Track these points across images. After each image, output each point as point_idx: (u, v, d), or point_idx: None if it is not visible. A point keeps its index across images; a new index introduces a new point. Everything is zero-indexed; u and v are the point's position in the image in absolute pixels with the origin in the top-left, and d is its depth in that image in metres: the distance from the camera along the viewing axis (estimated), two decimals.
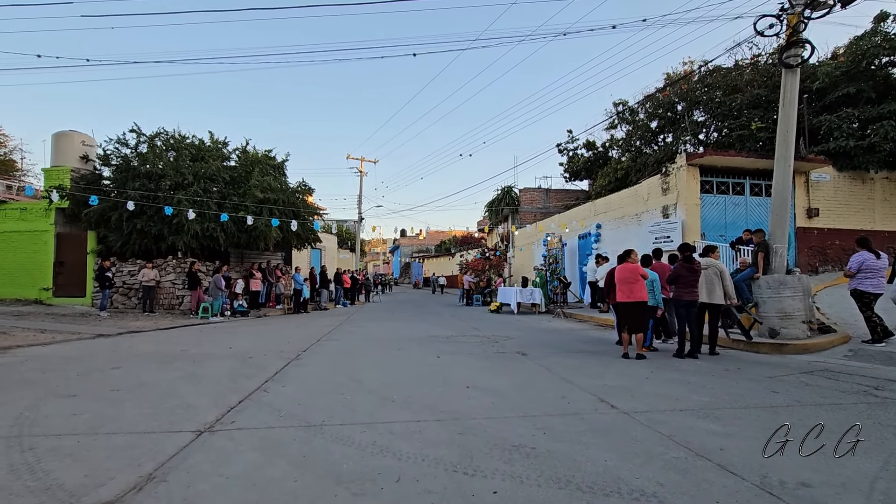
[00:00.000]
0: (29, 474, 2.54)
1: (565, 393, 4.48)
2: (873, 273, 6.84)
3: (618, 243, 14.17)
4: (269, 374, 5.32)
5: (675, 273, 6.72)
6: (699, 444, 3.03)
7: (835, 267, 13.03)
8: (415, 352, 7.09)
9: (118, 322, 10.99)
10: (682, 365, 6.02)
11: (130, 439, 3.12)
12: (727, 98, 15.71)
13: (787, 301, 7.22)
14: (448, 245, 50.73)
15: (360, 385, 4.82)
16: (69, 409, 3.81)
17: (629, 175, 18.09)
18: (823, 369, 5.56)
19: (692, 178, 12.06)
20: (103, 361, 6.07)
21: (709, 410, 3.86)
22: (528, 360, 6.40)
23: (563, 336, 9.24)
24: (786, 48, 7.62)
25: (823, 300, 9.84)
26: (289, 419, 3.61)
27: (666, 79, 18.76)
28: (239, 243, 14.67)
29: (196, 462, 2.74)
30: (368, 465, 2.71)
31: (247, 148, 15.75)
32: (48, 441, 3.06)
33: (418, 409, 3.89)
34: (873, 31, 13.31)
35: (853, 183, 13.34)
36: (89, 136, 15.63)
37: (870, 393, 4.42)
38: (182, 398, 4.23)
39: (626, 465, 2.70)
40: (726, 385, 4.82)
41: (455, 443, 3.07)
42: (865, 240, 7.13)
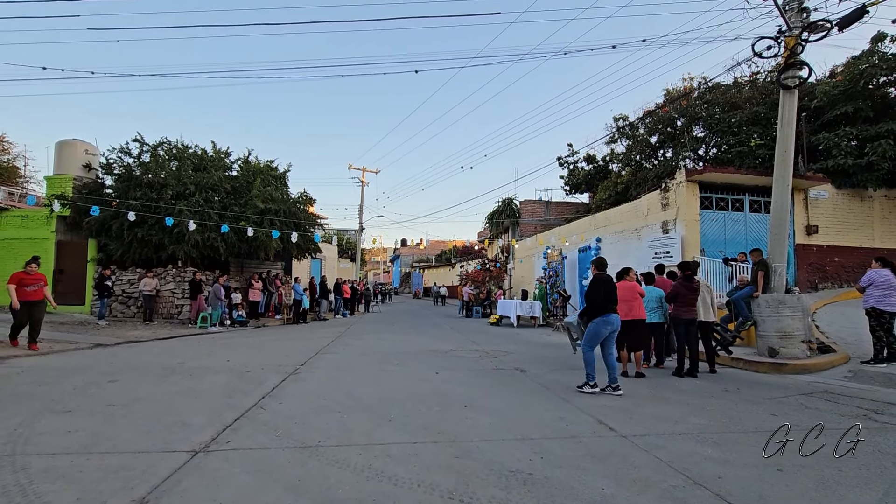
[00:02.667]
0: (21, 497, 2.52)
1: (564, 414, 4.45)
2: (890, 291, 6.69)
3: (618, 257, 14.19)
4: (266, 389, 5.30)
5: (674, 291, 6.72)
6: (697, 472, 3.01)
7: (834, 284, 13.03)
8: (412, 367, 7.06)
9: (116, 331, 10.95)
10: (681, 384, 6.00)
11: (124, 460, 3.10)
12: (726, 115, 15.85)
13: (786, 320, 7.21)
14: (448, 255, 50.72)
15: (357, 403, 4.79)
16: (64, 426, 3.78)
17: (629, 189, 18.17)
18: (823, 391, 5.53)
19: (691, 194, 12.10)
20: (100, 374, 6.04)
21: (708, 434, 3.83)
22: (527, 377, 6.37)
23: (563, 351, 9.20)
24: (784, 69, 7.71)
25: (823, 318, 9.82)
26: (285, 439, 3.59)
27: (666, 95, 18.95)
28: (239, 253, 14.68)
29: (190, 485, 2.72)
30: (364, 490, 2.69)
31: (249, 158, 15.84)
32: (41, 461, 3.04)
33: (415, 430, 3.86)
34: (870, 51, 13.47)
35: (852, 200, 13.39)
36: (92, 144, 15.73)
37: (869, 417, 4.39)
38: (178, 415, 4.20)
39: (624, 494, 2.68)
40: (725, 407, 4.79)
41: (452, 468, 3.05)
42: (885, 258, 7.05)
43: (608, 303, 5.52)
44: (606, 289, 5.56)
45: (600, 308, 5.50)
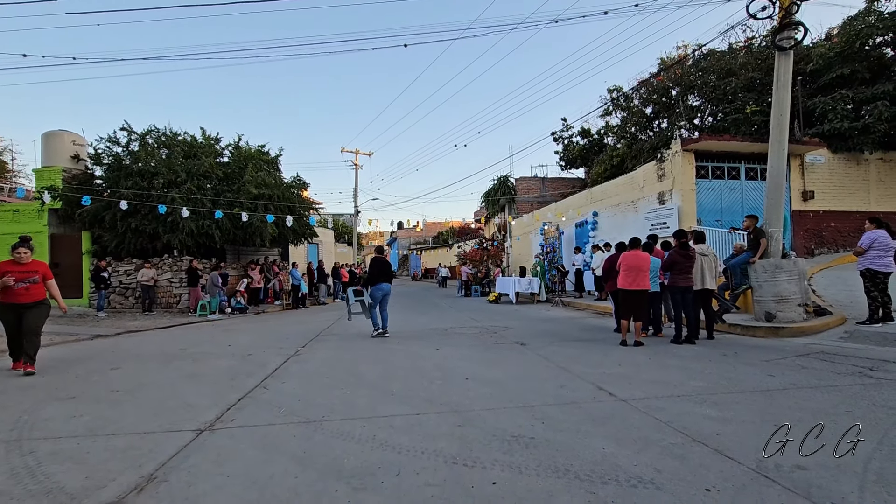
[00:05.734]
0: (30, 478, 2.54)
1: (564, 382, 4.50)
2: (886, 251, 6.72)
3: (615, 231, 14.21)
4: (268, 371, 5.33)
5: (670, 260, 6.74)
6: (696, 430, 3.06)
7: (830, 249, 13.10)
8: (414, 345, 7.11)
9: (116, 322, 10.97)
10: (680, 351, 6.07)
11: (131, 440, 3.13)
12: (722, 82, 15.65)
13: (782, 285, 7.26)
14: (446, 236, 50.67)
15: (359, 380, 4.84)
16: (68, 412, 3.81)
17: (625, 162, 18.06)
18: (819, 351, 5.60)
19: (687, 164, 12.04)
20: (102, 363, 6.07)
21: (706, 396, 3.89)
22: (527, 349, 6.43)
23: (562, 325, 9.28)
24: (778, 30, 7.57)
25: (819, 282, 9.90)
26: (289, 416, 3.62)
27: (660, 63, 18.65)
28: (235, 240, 14.61)
29: (197, 461, 2.75)
30: (369, 459, 2.73)
31: (239, 144, 15.63)
32: (48, 444, 3.07)
33: (418, 403, 3.91)
34: (867, 10, 13.24)
35: (848, 164, 13.35)
36: (79, 135, 15.45)
37: (864, 374, 4.46)
38: (182, 398, 4.23)
39: (624, 453, 2.73)
40: (723, 370, 4.86)
41: (454, 435, 3.09)
42: (878, 219, 7.08)
43: (380, 276, 8.05)
44: (380, 268, 8.12)
45: (374, 280, 8.04)
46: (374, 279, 8.09)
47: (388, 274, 8.20)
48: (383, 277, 8.10)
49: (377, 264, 8.19)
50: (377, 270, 8.11)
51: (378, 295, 8.00)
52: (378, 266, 8.16)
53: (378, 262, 8.22)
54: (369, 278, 8.19)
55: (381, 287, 8.05)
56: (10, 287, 5.21)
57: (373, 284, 8.07)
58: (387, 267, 8.23)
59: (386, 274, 8.15)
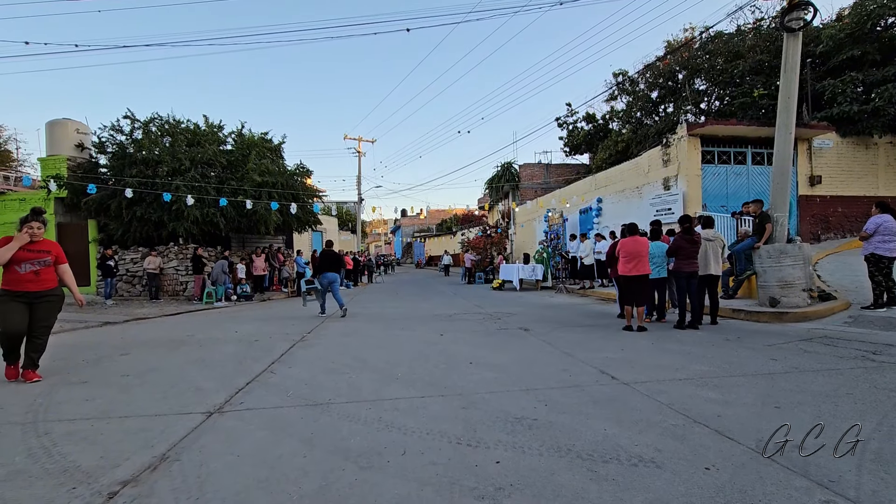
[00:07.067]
0: (46, 457, 2.62)
1: (567, 366, 4.55)
2: (891, 236, 6.71)
3: (619, 217, 14.14)
4: (275, 356, 5.41)
5: (674, 245, 6.73)
6: (697, 412, 3.10)
7: (837, 235, 13.01)
8: (418, 330, 7.17)
9: (124, 310, 11.11)
10: (683, 336, 6.09)
11: (142, 422, 3.21)
12: (729, 65, 15.39)
13: (787, 270, 7.24)
14: (449, 224, 50.58)
15: (364, 364, 4.91)
16: (81, 395, 3.90)
17: (630, 147, 17.89)
18: (822, 336, 5.62)
19: (693, 149, 11.92)
20: (112, 348, 6.18)
21: (708, 379, 3.93)
22: (531, 335, 6.48)
23: (566, 311, 9.32)
24: (787, 11, 7.42)
25: (825, 268, 9.86)
26: (296, 399, 3.69)
27: (666, 46, 18.36)
28: (240, 228, 14.69)
29: (207, 442, 2.82)
30: (375, 440, 2.79)
31: (242, 131, 15.61)
32: (62, 426, 3.15)
33: (422, 386, 3.97)
34: None
35: (856, 148, 13.17)
36: (83, 123, 15.48)
37: (867, 358, 4.48)
38: (191, 382, 4.32)
39: (626, 433, 2.77)
40: (726, 354, 4.89)
41: (458, 417, 3.15)
42: (885, 203, 7.03)
43: (326, 266, 9.12)
44: (326, 259, 9.20)
45: (321, 270, 9.16)
46: (320, 269, 9.23)
47: (334, 265, 9.30)
48: (329, 267, 9.19)
49: (324, 256, 9.31)
50: (323, 261, 9.23)
51: (325, 282, 9.12)
52: (325, 258, 9.28)
53: (325, 255, 9.34)
54: (317, 268, 9.37)
55: (327, 276, 9.15)
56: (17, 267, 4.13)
57: (320, 273, 9.20)
58: (333, 258, 9.33)
59: (331, 264, 9.23)
